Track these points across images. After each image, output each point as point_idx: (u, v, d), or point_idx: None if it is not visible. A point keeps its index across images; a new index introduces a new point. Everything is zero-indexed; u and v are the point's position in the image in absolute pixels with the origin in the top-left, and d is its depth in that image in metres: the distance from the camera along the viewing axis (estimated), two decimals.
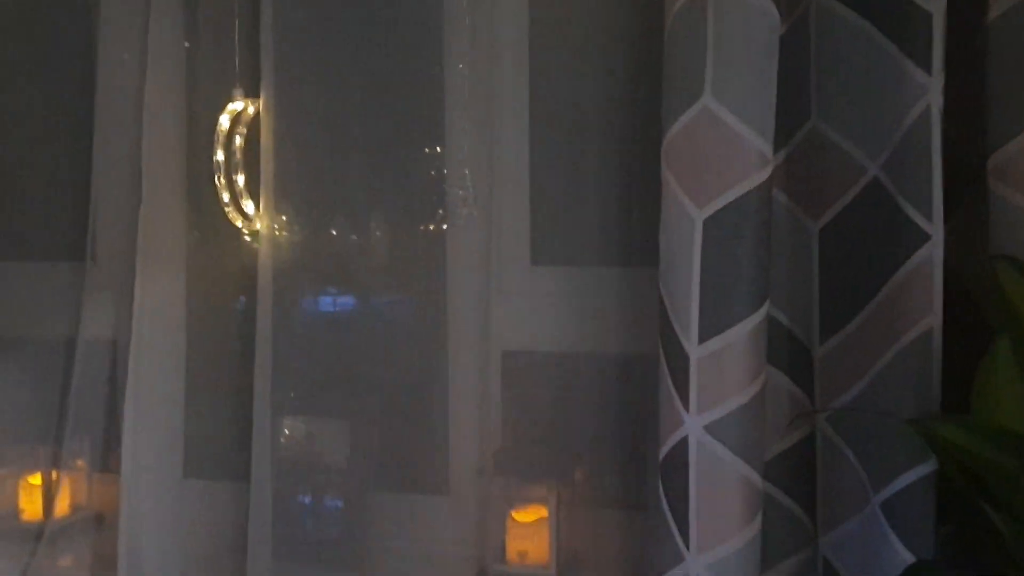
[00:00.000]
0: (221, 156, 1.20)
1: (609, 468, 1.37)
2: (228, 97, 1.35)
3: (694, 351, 1.02)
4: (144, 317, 1.34)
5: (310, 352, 1.43)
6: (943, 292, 1.00)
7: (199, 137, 1.39)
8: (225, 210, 1.24)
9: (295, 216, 1.34)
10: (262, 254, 1.31)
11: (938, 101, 0.97)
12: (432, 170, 1.40)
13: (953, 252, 1.00)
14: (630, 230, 1.35)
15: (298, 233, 1.35)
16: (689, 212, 1.02)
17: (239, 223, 1.26)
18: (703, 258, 1.01)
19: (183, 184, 1.37)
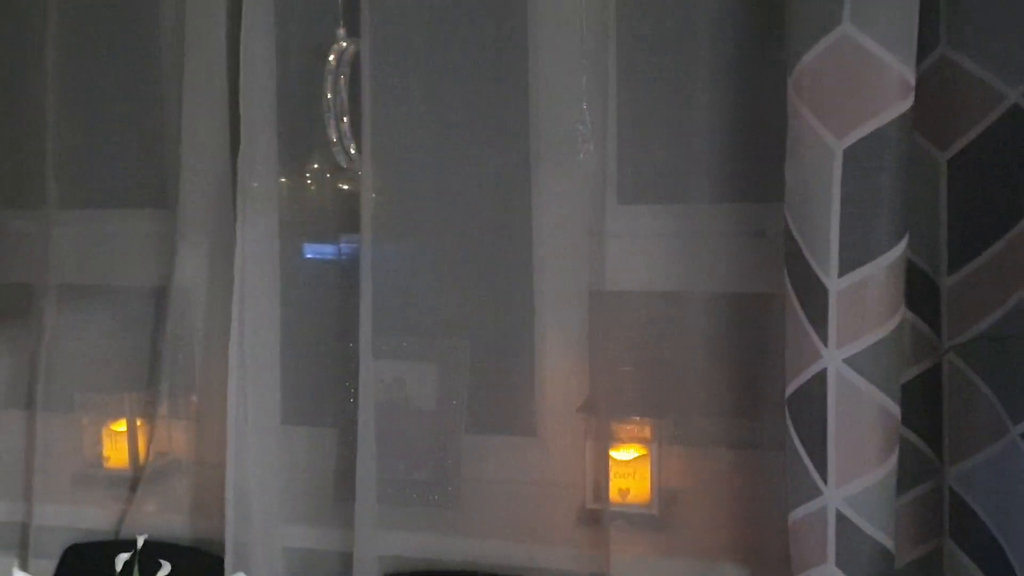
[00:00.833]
0: (330, 94, 1.17)
1: (708, 406, 1.36)
2: (319, 38, 1.32)
3: (833, 284, 1.00)
4: (245, 263, 1.33)
5: (405, 297, 1.42)
6: None
7: (290, 79, 1.36)
8: (333, 150, 1.22)
9: (394, 158, 1.33)
10: (364, 196, 1.29)
11: None
12: (527, 110, 1.39)
13: None
14: (722, 165, 1.32)
15: (397, 175, 1.33)
16: (827, 142, 1.00)
17: (343, 164, 1.23)
18: (843, 189, 0.99)
19: (276, 128, 1.35)
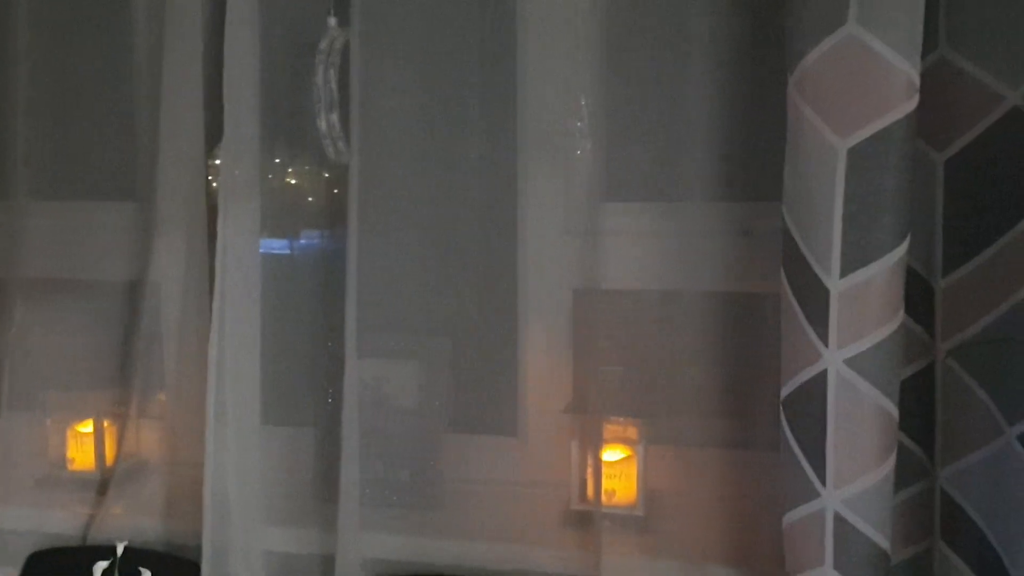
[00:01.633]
0: (320, 84, 1.14)
1: (696, 406, 1.35)
2: (306, 27, 1.29)
3: (835, 284, 1.00)
4: (226, 257, 1.29)
5: (388, 293, 1.39)
6: None
7: (275, 69, 1.33)
8: (322, 143, 1.18)
9: (383, 151, 1.30)
10: (352, 190, 1.26)
11: None
12: (515, 106, 1.37)
13: None
14: (712, 164, 1.31)
15: (385, 169, 1.31)
16: (830, 142, 0.99)
17: (332, 156, 1.20)
18: (846, 190, 0.98)
19: (260, 119, 1.32)
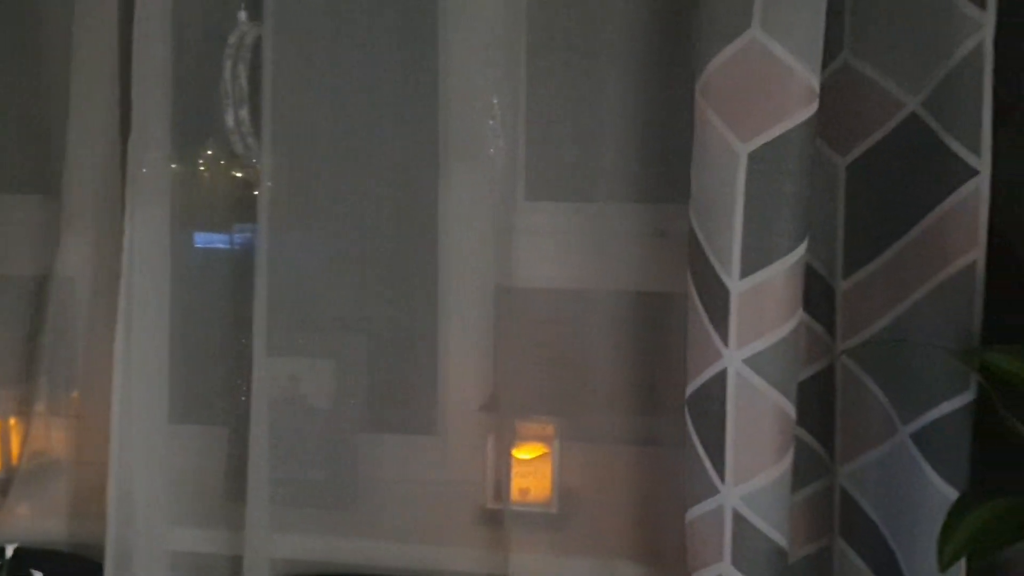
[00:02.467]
0: (229, 79, 1.12)
1: (610, 405, 1.36)
2: (218, 21, 1.27)
3: (735, 286, 1.01)
4: (133, 253, 1.26)
5: (301, 291, 1.38)
6: None
7: (187, 64, 1.31)
8: (230, 138, 1.17)
9: (294, 147, 1.28)
10: (262, 186, 1.24)
11: (991, 36, 0.98)
12: (435, 103, 1.36)
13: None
14: (627, 165, 1.32)
15: (297, 165, 1.29)
16: (732, 146, 1.01)
17: (240, 152, 1.19)
18: (747, 193, 1.00)
19: (170, 114, 1.29)
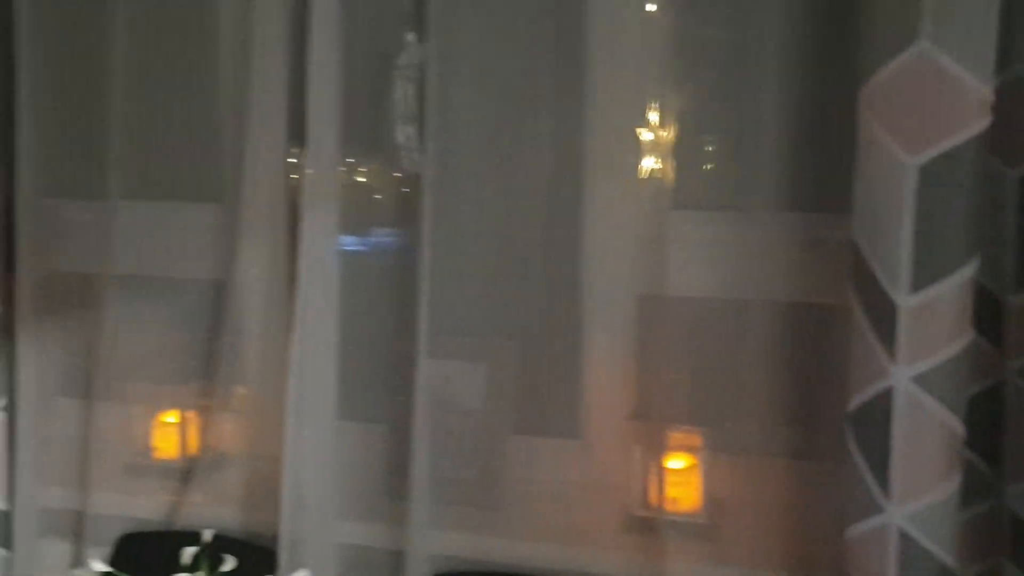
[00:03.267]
0: (399, 96, 1.19)
1: (760, 416, 1.36)
2: (386, 42, 1.34)
3: (904, 301, 1.00)
4: (306, 259, 1.34)
5: (458, 297, 1.43)
6: None
7: (355, 80, 1.38)
8: (399, 153, 1.23)
9: (455, 161, 1.34)
10: (424, 198, 1.30)
11: None
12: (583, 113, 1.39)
13: None
14: (782, 174, 1.32)
15: (457, 177, 1.35)
16: (901, 159, 1.00)
17: (408, 165, 1.25)
18: (917, 207, 0.99)
19: (340, 127, 1.36)
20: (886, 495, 1.03)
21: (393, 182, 1.42)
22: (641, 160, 1.35)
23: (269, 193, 1.47)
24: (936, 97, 0.97)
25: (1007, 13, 1.05)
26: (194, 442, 1.62)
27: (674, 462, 1.39)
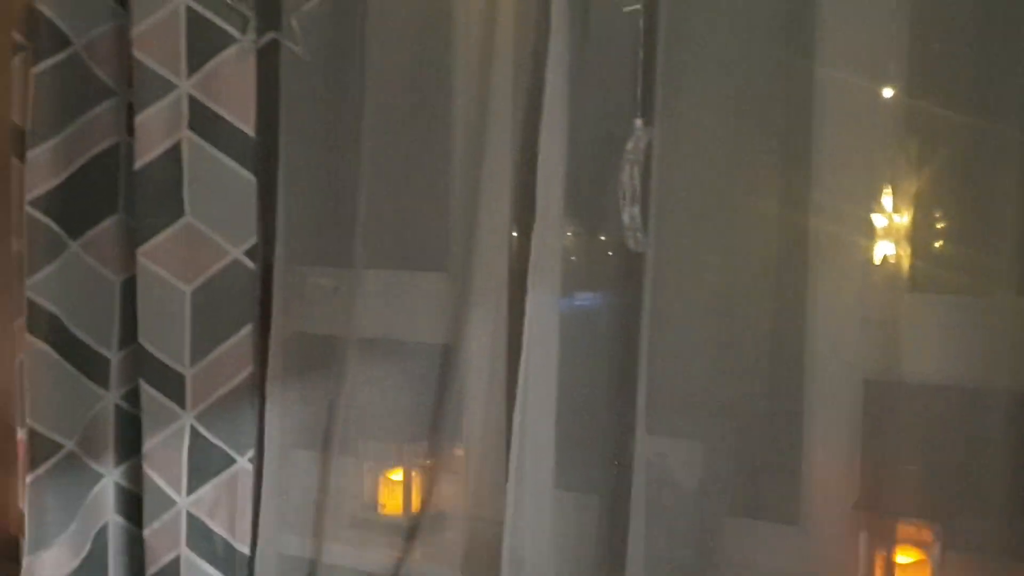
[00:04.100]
0: (626, 179, 1.23)
1: (1000, 513, 1.27)
2: (610, 127, 1.39)
3: None
4: (531, 332, 1.40)
5: (677, 374, 1.44)
6: None
7: (580, 163, 1.43)
8: (624, 234, 1.27)
9: (678, 241, 1.36)
10: (648, 279, 1.33)
11: None
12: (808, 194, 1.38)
13: None
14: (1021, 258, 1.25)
15: (680, 258, 1.37)
16: None
17: (632, 246, 1.29)
18: None
19: (564, 206, 1.42)
20: None
21: (616, 264, 1.46)
22: (871, 240, 1.32)
23: (494, 264, 1.54)
24: None
25: None
26: (418, 500, 1.69)
27: (903, 557, 1.33)
